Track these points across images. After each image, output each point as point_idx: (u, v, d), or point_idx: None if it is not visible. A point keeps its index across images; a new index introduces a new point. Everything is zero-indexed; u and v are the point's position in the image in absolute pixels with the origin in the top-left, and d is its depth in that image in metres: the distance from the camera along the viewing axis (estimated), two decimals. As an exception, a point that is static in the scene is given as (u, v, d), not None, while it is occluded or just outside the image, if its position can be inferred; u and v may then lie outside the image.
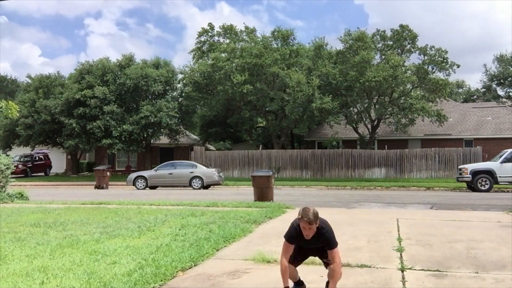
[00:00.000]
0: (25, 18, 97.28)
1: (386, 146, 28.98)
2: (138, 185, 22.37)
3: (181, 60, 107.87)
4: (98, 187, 22.47)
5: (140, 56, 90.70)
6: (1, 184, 13.86)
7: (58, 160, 37.20)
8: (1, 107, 13.62)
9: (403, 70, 27.12)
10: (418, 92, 28.20)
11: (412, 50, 28.83)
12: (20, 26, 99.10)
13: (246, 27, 34.47)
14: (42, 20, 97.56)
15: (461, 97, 50.63)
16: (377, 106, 27.74)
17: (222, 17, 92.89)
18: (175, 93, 33.98)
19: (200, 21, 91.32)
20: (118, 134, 29.41)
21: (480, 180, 18.78)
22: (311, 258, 5.53)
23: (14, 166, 19.13)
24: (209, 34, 34.82)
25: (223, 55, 30.47)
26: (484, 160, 23.97)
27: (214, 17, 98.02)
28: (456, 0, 79.21)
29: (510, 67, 44.58)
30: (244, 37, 34.07)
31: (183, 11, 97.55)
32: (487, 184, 18.69)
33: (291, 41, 32.25)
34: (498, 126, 30.15)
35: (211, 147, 41.13)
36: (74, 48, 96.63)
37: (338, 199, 15.12)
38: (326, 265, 4.22)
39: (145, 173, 23.50)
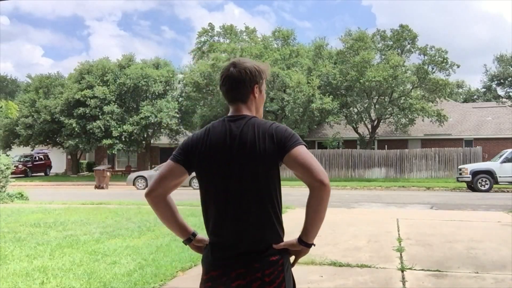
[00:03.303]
0: (35, 19, 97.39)
1: (386, 146, 28.96)
2: (138, 185, 22.36)
3: (190, 61, 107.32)
4: (98, 187, 22.47)
5: (150, 57, 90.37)
6: (1, 184, 13.86)
7: (58, 160, 37.21)
8: (1, 106, 13.64)
9: (403, 70, 27.11)
10: (418, 92, 28.18)
11: (412, 50, 28.82)
12: (32, 28, 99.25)
13: (247, 27, 34.52)
14: (52, 21, 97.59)
15: (461, 97, 50.58)
16: (377, 106, 27.73)
17: (232, 18, 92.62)
18: (175, 93, 33.97)
19: (210, 22, 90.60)
20: (118, 134, 29.40)
21: (480, 180, 18.76)
22: (311, 257, 5.54)
23: (14, 166, 19.13)
24: (209, 34, 34.84)
25: (223, 55, 30.47)
26: (484, 160, 23.96)
27: (224, 19, 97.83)
28: (465, 1, 79.03)
29: (510, 67, 44.55)
30: (245, 37, 34.09)
31: (193, 13, 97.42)
32: (487, 184, 18.67)
33: (291, 41, 32.26)
34: (498, 126, 30.13)
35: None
36: (83, 49, 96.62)
37: (338, 199, 15.10)
38: None
39: (145, 173, 23.48)
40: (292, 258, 1.91)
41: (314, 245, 1.89)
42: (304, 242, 1.84)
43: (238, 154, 1.80)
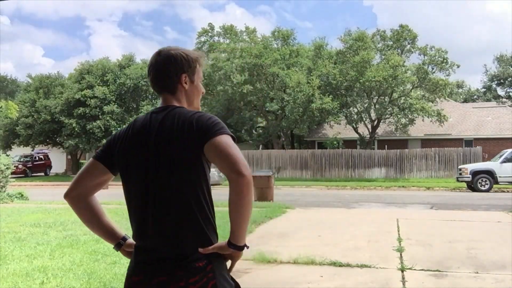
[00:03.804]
0: (37, 20, 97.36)
1: (386, 146, 28.96)
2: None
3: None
4: (98, 187, 22.45)
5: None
6: (1, 184, 13.87)
7: (58, 160, 37.20)
8: (1, 106, 13.66)
9: (403, 70, 27.10)
10: (418, 92, 28.18)
11: (412, 50, 28.80)
12: (34, 28, 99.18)
13: (247, 27, 34.48)
14: (54, 21, 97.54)
15: (461, 97, 50.61)
16: (377, 106, 27.73)
17: (234, 19, 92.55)
18: (175, 93, 33.95)
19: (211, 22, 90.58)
20: (118, 134, 29.42)
21: (480, 180, 18.76)
22: (310, 257, 5.54)
23: (14, 166, 19.15)
24: (209, 34, 34.82)
25: (223, 55, 30.47)
26: (484, 160, 23.96)
27: (226, 19, 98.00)
28: (466, 2, 78.95)
29: (510, 67, 44.58)
30: (245, 37, 34.07)
31: (195, 13, 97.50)
32: (487, 184, 18.67)
33: (291, 41, 32.26)
34: (498, 126, 30.12)
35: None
36: (85, 50, 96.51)
37: (338, 199, 15.11)
38: None
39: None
40: (229, 263, 1.69)
41: (247, 247, 1.66)
42: (234, 245, 1.61)
43: (155, 146, 1.63)
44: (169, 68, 1.73)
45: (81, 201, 1.75)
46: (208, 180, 1.67)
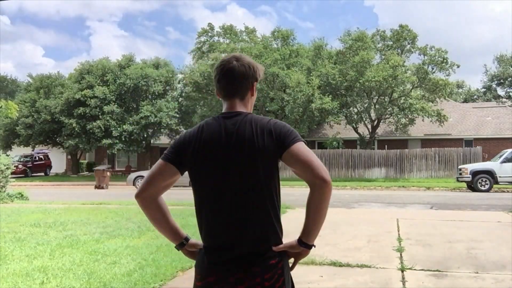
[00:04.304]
0: (39, 20, 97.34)
1: (386, 146, 28.96)
2: (138, 185, 22.36)
3: (190, 61, 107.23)
4: (98, 187, 22.48)
5: (151, 57, 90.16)
6: (1, 184, 13.86)
7: (58, 160, 37.21)
8: (1, 106, 13.65)
9: (403, 70, 27.09)
10: (418, 92, 28.19)
11: (412, 50, 28.81)
12: (35, 28, 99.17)
13: (246, 27, 34.52)
14: (55, 22, 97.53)
15: (461, 97, 50.59)
16: (377, 106, 27.73)
17: (235, 19, 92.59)
18: (175, 93, 33.96)
19: (212, 23, 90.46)
20: (118, 134, 29.41)
21: (480, 180, 18.75)
22: (311, 257, 5.53)
23: (14, 166, 19.15)
24: (209, 34, 34.85)
25: (223, 55, 30.43)
26: (484, 160, 23.96)
27: (227, 19, 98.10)
28: (467, 2, 78.92)
29: (510, 67, 44.57)
30: (244, 37, 34.08)
31: (196, 14, 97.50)
32: (487, 184, 18.67)
33: (291, 41, 32.27)
34: (498, 126, 30.12)
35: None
36: (86, 50, 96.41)
37: (338, 199, 15.10)
38: None
39: (145, 173, 23.44)
40: (291, 261, 1.83)
41: (315, 246, 1.81)
42: (305, 243, 1.76)
43: (235, 151, 1.72)
44: (248, 75, 1.85)
45: (152, 201, 1.85)
46: (280, 183, 1.82)
